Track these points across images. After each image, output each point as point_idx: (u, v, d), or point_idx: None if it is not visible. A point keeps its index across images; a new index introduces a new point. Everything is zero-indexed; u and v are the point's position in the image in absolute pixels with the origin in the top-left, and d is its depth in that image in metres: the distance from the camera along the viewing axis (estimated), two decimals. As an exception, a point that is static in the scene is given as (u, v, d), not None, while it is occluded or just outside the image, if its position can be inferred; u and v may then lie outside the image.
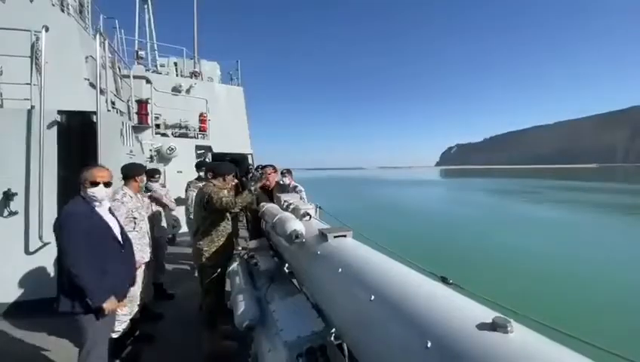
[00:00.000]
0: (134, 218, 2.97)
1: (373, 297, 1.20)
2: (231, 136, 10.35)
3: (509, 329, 0.81)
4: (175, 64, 11.57)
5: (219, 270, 2.99)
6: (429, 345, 0.88)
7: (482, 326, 0.86)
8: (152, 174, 4.55)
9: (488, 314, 0.91)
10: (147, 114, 6.84)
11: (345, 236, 1.85)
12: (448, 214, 23.77)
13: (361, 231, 2.09)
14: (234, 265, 2.78)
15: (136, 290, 3.00)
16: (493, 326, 0.83)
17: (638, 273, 10.43)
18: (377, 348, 1.11)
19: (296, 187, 4.68)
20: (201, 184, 4.13)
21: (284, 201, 2.92)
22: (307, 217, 2.47)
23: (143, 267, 3.13)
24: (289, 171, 5.03)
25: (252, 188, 2.90)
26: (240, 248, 3.93)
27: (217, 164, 3.33)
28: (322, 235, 1.88)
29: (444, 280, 1.33)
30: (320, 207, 3.70)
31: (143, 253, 3.07)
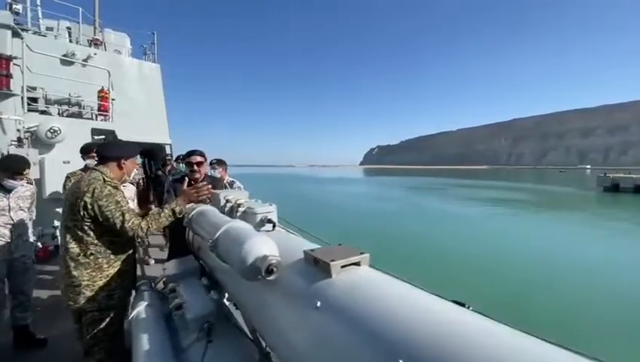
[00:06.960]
0: None
1: None
2: (143, 120, 8.48)
3: None
4: (68, 29, 9.07)
5: (112, 314, 1.87)
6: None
7: None
8: (19, 170, 2.70)
9: None
10: (9, 75, 4.82)
11: (358, 264, 1.02)
12: (381, 209, 24.95)
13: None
14: (140, 308, 1.68)
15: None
16: None
17: (532, 253, 12.09)
18: None
19: (233, 183, 3.64)
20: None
21: (226, 201, 1.93)
22: (269, 226, 1.57)
23: None
24: (221, 162, 3.86)
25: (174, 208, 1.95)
26: (159, 268, 2.73)
27: (105, 143, 2.11)
28: (317, 263, 1.02)
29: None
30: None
31: None
